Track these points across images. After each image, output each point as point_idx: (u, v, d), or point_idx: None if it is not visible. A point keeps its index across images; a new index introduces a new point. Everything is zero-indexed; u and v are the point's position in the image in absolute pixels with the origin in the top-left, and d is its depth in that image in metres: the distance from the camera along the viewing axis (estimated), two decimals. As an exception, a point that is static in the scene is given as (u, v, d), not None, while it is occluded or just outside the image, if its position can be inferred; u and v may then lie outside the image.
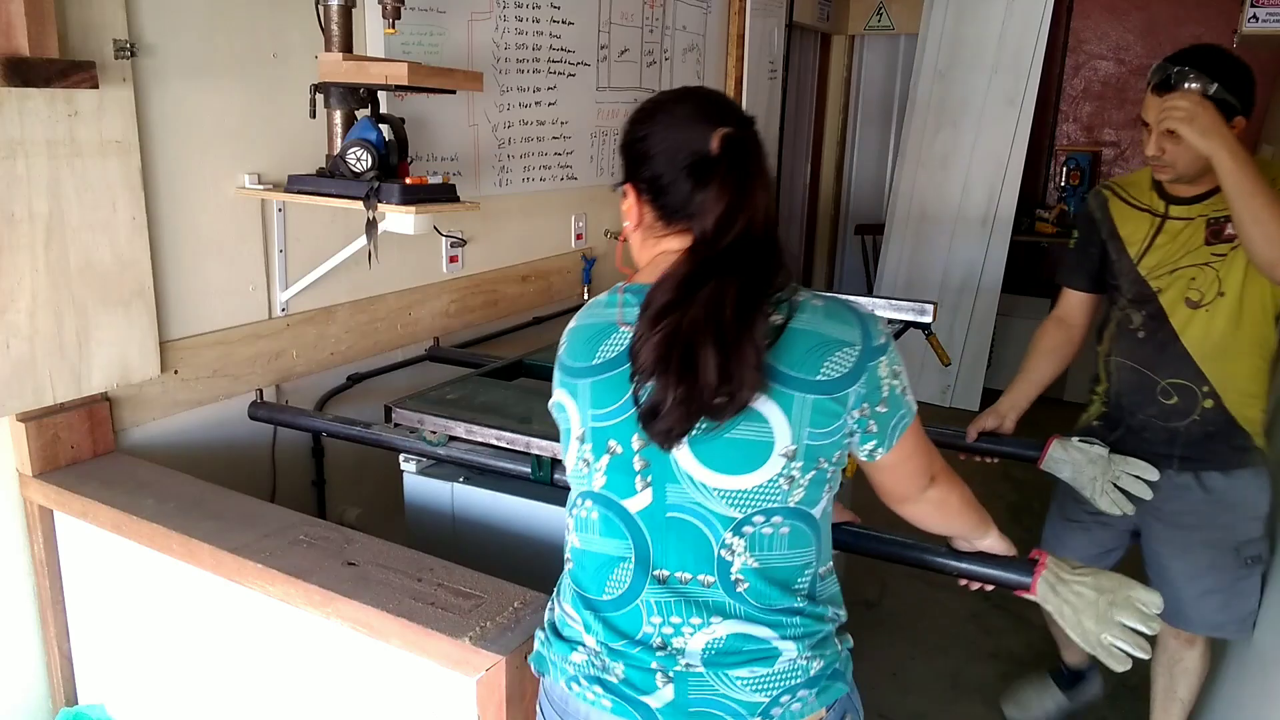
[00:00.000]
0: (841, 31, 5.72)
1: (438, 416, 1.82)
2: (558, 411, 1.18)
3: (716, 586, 1.07)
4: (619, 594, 1.11)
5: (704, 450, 1.05)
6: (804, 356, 1.05)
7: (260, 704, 1.56)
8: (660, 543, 1.08)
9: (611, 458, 1.09)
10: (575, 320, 1.19)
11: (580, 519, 1.15)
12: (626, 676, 1.09)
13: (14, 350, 1.63)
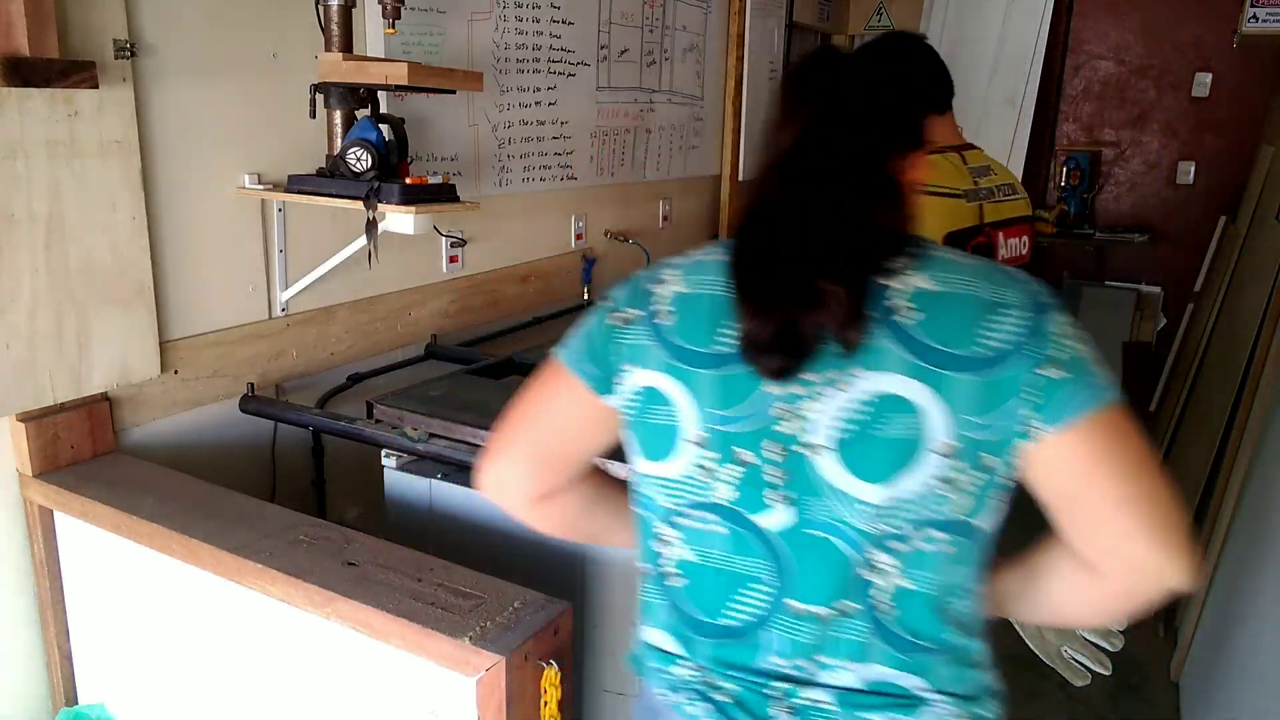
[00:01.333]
0: (841, 31, 5.72)
1: (417, 414, 1.83)
2: (649, 399, 0.97)
3: (859, 616, 0.92)
4: (743, 621, 0.96)
5: (849, 455, 0.89)
6: (960, 327, 0.86)
7: (260, 704, 1.57)
8: (799, 567, 0.92)
9: (740, 468, 0.93)
10: (680, 280, 0.97)
11: (695, 531, 0.97)
12: (738, 696, 0.96)
13: (14, 350, 1.63)
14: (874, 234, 0.89)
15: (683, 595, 1.00)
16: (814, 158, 0.89)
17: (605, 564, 1.74)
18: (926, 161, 1.68)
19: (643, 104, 3.42)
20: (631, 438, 1.01)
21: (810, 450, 0.89)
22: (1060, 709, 2.46)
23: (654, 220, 3.69)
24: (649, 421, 0.97)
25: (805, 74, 0.95)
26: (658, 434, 0.97)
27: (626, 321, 0.98)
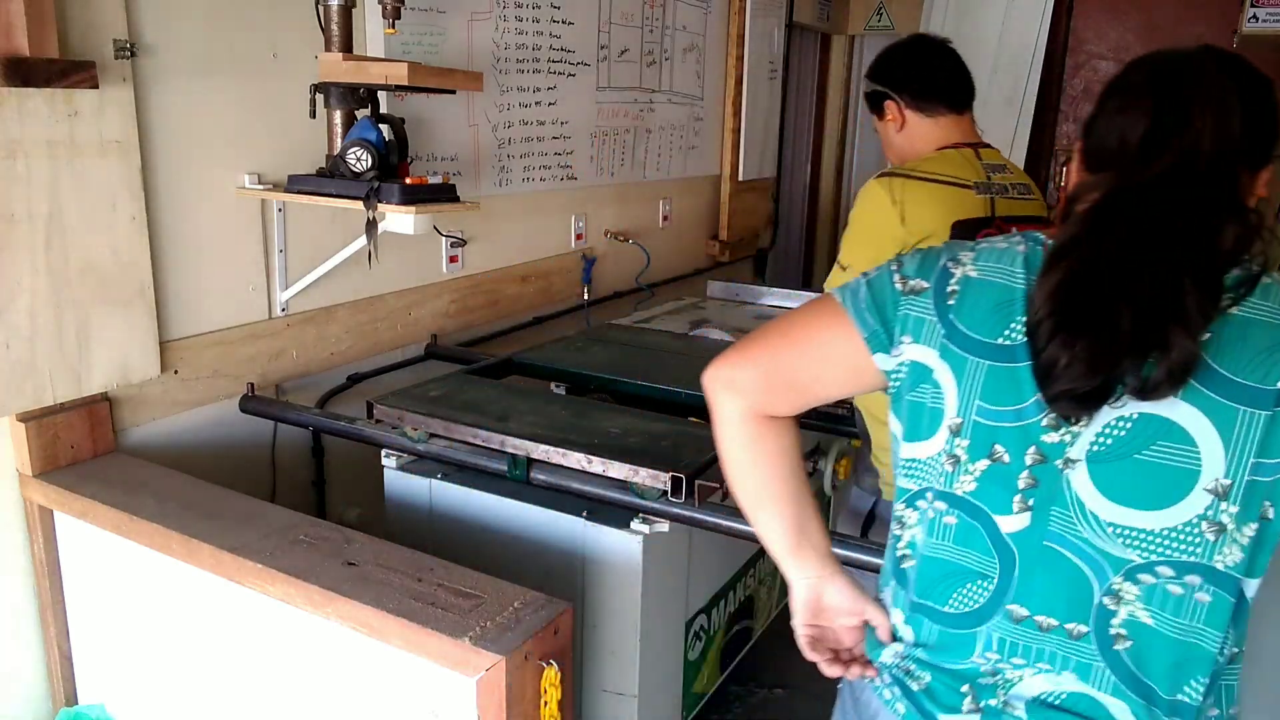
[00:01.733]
0: (841, 31, 5.72)
1: (418, 414, 1.83)
2: (917, 376, 0.93)
3: (1088, 639, 0.87)
4: (961, 612, 0.93)
5: (1105, 473, 0.84)
6: (1254, 355, 0.79)
7: (260, 704, 1.56)
8: (1027, 574, 0.89)
9: (992, 465, 0.89)
10: (975, 267, 0.92)
11: (929, 519, 0.95)
12: (930, 687, 0.95)
13: (14, 350, 1.63)
14: (1223, 265, 0.81)
15: (910, 577, 0.98)
16: (1175, 172, 0.81)
17: (605, 564, 1.74)
18: (937, 155, 1.68)
19: (643, 104, 3.42)
20: (894, 408, 0.98)
21: (1068, 464, 0.85)
22: (1060, 709, 2.46)
23: (654, 220, 3.68)
24: (911, 399, 0.94)
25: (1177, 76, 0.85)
26: (917, 413, 0.94)
27: (914, 291, 0.94)
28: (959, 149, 1.72)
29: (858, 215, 1.68)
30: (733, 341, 2.53)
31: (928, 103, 1.74)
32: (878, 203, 1.63)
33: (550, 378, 2.30)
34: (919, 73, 1.75)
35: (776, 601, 2.54)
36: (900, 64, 1.78)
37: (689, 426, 1.83)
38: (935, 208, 1.62)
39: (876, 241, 1.62)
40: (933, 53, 1.77)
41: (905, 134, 1.77)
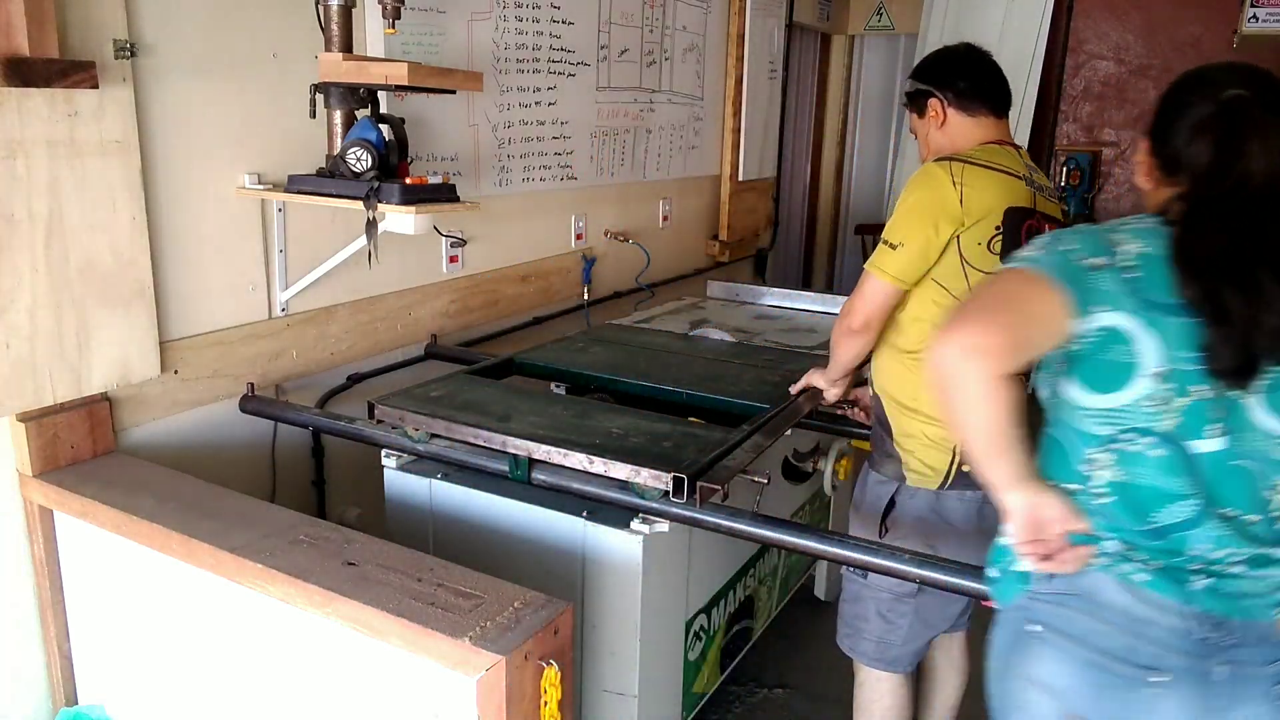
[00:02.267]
0: (841, 31, 5.72)
1: (419, 414, 1.83)
2: (1109, 338, 1.14)
3: (1262, 523, 1.14)
4: (1171, 524, 1.15)
5: (1274, 400, 1.11)
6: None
7: (260, 704, 1.56)
8: (1224, 485, 1.13)
9: (1193, 401, 1.11)
10: (1142, 244, 1.15)
11: (1130, 454, 1.15)
12: (1165, 566, 1.16)
13: (14, 350, 1.63)
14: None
15: (1110, 510, 1.18)
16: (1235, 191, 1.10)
17: (605, 564, 1.74)
18: (986, 147, 1.74)
19: (643, 104, 3.42)
20: (1074, 370, 1.17)
21: (1246, 395, 1.11)
22: (1060, 709, 2.46)
23: (654, 220, 3.68)
24: (1103, 358, 1.14)
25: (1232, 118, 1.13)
26: (1111, 369, 1.14)
27: (1095, 267, 1.13)
28: (1002, 145, 1.79)
29: (915, 195, 1.71)
30: (734, 341, 2.54)
31: (971, 102, 1.80)
32: (938, 183, 1.68)
33: (551, 378, 2.30)
34: (965, 73, 1.82)
35: (776, 601, 2.54)
36: (948, 65, 1.85)
37: (690, 427, 1.83)
38: (993, 192, 1.69)
39: (934, 221, 1.67)
40: (979, 58, 1.86)
41: (946, 131, 1.82)
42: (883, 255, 1.71)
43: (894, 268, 1.70)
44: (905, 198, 1.73)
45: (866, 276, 1.73)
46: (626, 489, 1.67)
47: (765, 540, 1.63)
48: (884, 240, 1.72)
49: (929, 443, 1.76)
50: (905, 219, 1.71)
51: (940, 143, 1.84)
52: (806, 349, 2.50)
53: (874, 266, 1.72)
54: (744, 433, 1.79)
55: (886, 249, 1.71)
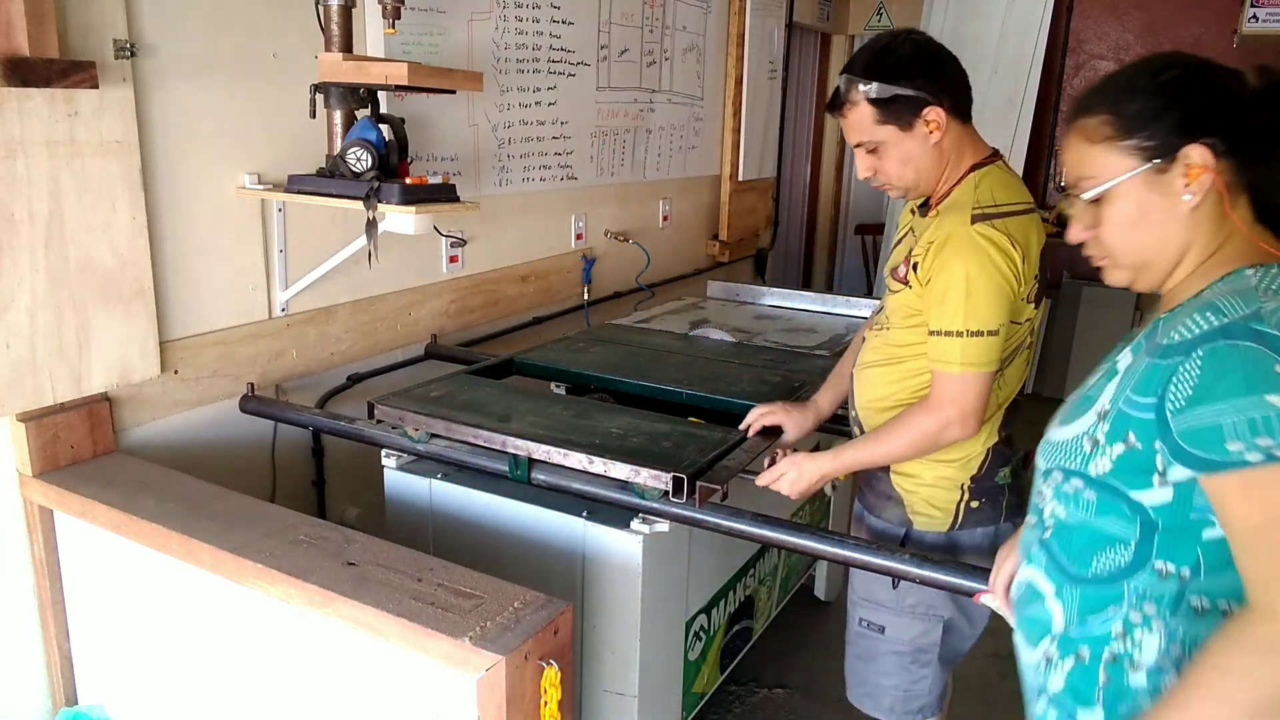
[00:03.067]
0: (841, 31, 5.72)
1: (419, 414, 1.83)
2: None
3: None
4: None
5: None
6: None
7: (260, 704, 1.56)
8: None
9: None
10: None
11: None
12: None
13: (14, 350, 1.63)
14: None
15: None
16: None
17: (605, 564, 1.74)
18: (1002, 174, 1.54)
19: (643, 104, 3.42)
20: None
21: None
22: (1060, 709, 2.46)
23: (654, 220, 3.69)
24: None
25: None
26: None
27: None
28: (994, 164, 1.58)
29: (978, 270, 1.45)
30: (734, 342, 2.54)
31: (967, 109, 1.56)
32: (1008, 259, 1.46)
33: (551, 378, 2.30)
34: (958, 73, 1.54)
35: (776, 601, 2.54)
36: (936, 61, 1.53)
37: (690, 427, 1.83)
38: (1035, 241, 1.51)
39: (1010, 293, 1.47)
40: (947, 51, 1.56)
41: (943, 147, 1.54)
42: (982, 347, 1.46)
43: (996, 355, 1.49)
44: (966, 274, 1.45)
45: (971, 378, 1.47)
46: (626, 489, 1.67)
47: (765, 540, 1.63)
48: (970, 331, 1.46)
49: (932, 482, 1.61)
50: (984, 300, 1.46)
51: (931, 161, 1.54)
52: (807, 349, 2.50)
53: (976, 365, 1.47)
54: (743, 433, 1.79)
55: (983, 339, 1.46)
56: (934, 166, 1.55)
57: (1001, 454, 1.63)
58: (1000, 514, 1.64)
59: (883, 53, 1.53)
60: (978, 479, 1.61)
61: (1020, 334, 1.55)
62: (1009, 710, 2.50)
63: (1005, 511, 1.64)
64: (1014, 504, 1.64)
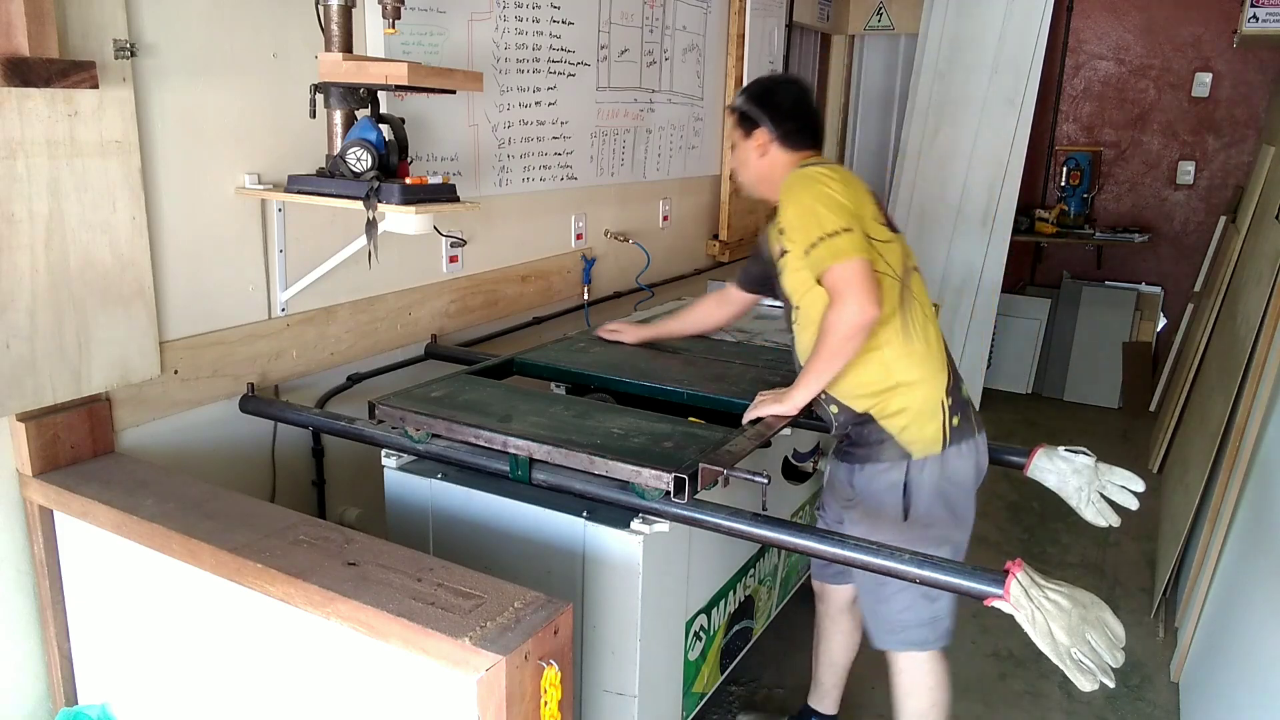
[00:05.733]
0: (841, 31, 5.72)
1: (420, 414, 1.83)
2: None
3: None
4: None
5: None
6: None
7: (261, 704, 1.57)
8: None
9: None
10: None
11: None
12: None
13: (14, 350, 1.63)
14: None
15: None
16: None
17: (605, 564, 1.74)
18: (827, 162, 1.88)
19: (643, 104, 3.42)
20: None
21: None
22: (1060, 709, 2.46)
23: (654, 220, 3.69)
24: None
25: None
26: None
27: None
28: None
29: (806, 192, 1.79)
30: (735, 342, 2.54)
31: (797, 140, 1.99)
32: (821, 176, 1.82)
33: (552, 378, 2.30)
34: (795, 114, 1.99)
35: (777, 601, 2.54)
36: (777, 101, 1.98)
37: (692, 427, 1.83)
38: (855, 178, 1.88)
39: (842, 199, 1.78)
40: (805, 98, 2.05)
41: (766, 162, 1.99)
42: (841, 242, 1.69)
43: (860, 245, 1.70)
44: (801, 199, 1.77)
45: (845, 267, 1.68)
46: (626, 489, 1.67)
47: (765, 540, 1.63)
48: (823, 237, 1.70)
49: (919, 407, 1.80)
50: (827, 210, 1.73)
51: (756, 168, 1.97)
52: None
53: (844, 254, 1.68)
54: (743, 432, 1.79)
55: (838, 237, 1.69)
56: (760, 176, 2.00)
57: (955, 371, 1.88)
58: (974, 426, 1.88)
59: (754, 88, 2.03)
60: (951, 393, 1.84)
61: (894, 253, 1.82)
62: (1009, 710, 2.50)
63: (976, 424, 1.89)
64: (977, 420, 1.90)
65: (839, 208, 1.74)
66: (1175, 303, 5.13)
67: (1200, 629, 2.55)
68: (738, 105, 1.97)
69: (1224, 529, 2.57)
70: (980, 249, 4.87)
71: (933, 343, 1.85)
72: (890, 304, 1.79)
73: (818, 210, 1.74)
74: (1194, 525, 2.88)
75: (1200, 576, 2.64)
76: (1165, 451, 4.06)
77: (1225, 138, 5.02)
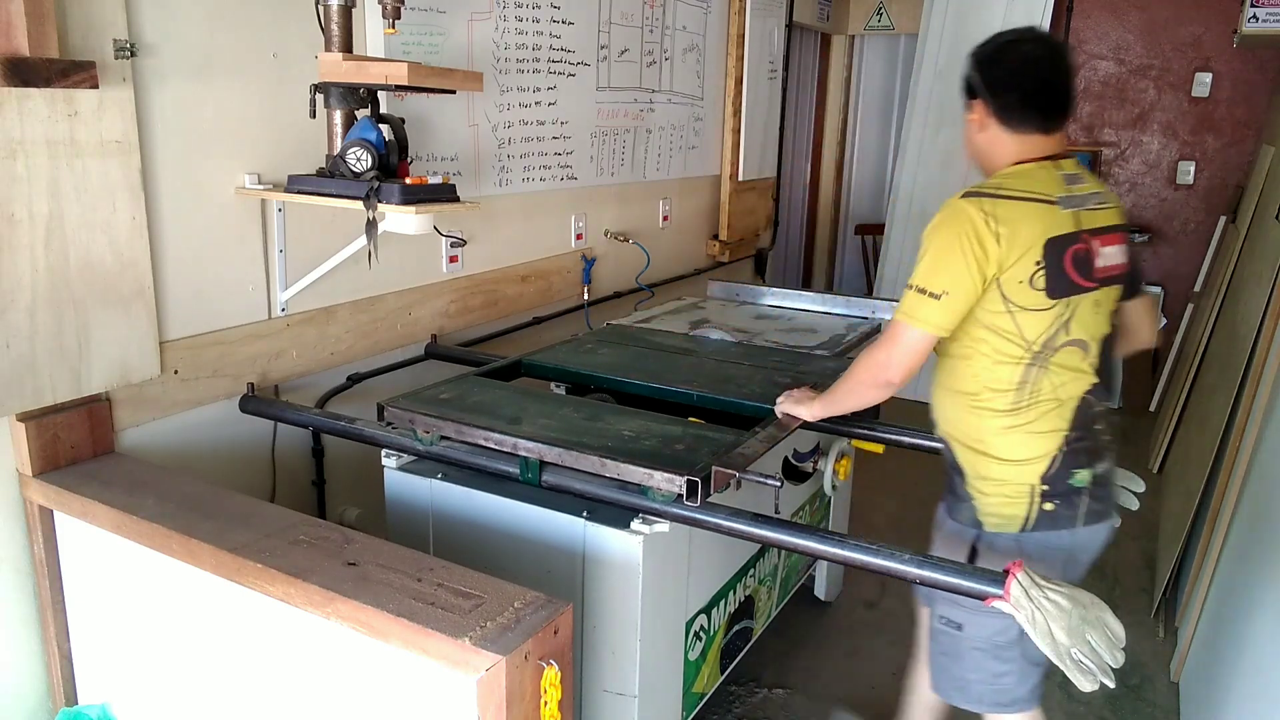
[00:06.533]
0: (841, 31, 5.72)
1: (429, 416, 1.83)
2: None
3: None
4: None
5: None
6: None
7: (261, 704, 1.57)
8: None
9: None
10: None
11: None
12: None
13: (14, 350, 1.63)
14: None
15: None
16: None
17: (605, 564, 1.74)
18: (1027, 170, 1.64)
19: (643, 104, 3.43)
20: None
21: None
22: (1060, 709, 2.46)
23: (654, 220, 3.69)
24: None
25: None
26: None
27: None
28: (1040, 163, 1.66)
29: (947, 236, 1.56)
30: (744, 343, 2.54)
31: (1017, 117, 1.67)
32: (972, 225, 1.55)
33: (562, 379, 2.30)
34: (1020, 84, 1.67)
35: (777, 601, 2.54)
36: (1004, 67, 1.68)
37: (704, 429, 1.82)
38: (1029, 225, 1.56)
39: (974, 266, 1.55)
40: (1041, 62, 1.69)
41: (984, 138, 1.70)
42: (922, 305, 1.56)
43: (938, 319, 1.56)
44: (936, 238, 1.58)
45: (904, 328, 1.58)
46: (627, 489, 1.67)
47: (765, 540, 1.63)
48: (917, 288, 1.57)
49: (1001, 480, 1.65)
50: (943, 264, 1.56)
51: (976, 146, 1.72)
52: (807, 349, 2.50)
53: (913, 319, 1.57)
54: (756, 435, 1.79)
55: (926, 298, 1.56)
56: (978, 152, 1.72)
57: (1076, 456, 1.64)
58: (1077, 518, 1.65)
59: (989, 45, 1.70)
60: (1050, 479, 1.63)
61: (1037, 322, 1.58)
62: (1009, 710, 2.50)
63: (1084, 516, 1.65)
64: (1096, 510, 1.66)
65: (952, 269, 1.55)
66: (1175, 303, 5.13)
67: (1200, 629, 2.55)
68: (965, 67, 1.72)
69: (1224, 529, 2.57)
70: (980, 249, 4.86)
71: (1052, 424, 1.63)
72: (1007, 379, 1.61)
73: (935, 260, 1.57)
74: (1194, 525, 2.88)
75: (1200, 576, 2.64)
76: (1165, 451, 4.06)
77: (1225, 138, 5.02)
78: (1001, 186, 1.60)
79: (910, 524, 3.57)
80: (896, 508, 3.71)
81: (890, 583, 3.08)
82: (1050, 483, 1.63)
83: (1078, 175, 1.68)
